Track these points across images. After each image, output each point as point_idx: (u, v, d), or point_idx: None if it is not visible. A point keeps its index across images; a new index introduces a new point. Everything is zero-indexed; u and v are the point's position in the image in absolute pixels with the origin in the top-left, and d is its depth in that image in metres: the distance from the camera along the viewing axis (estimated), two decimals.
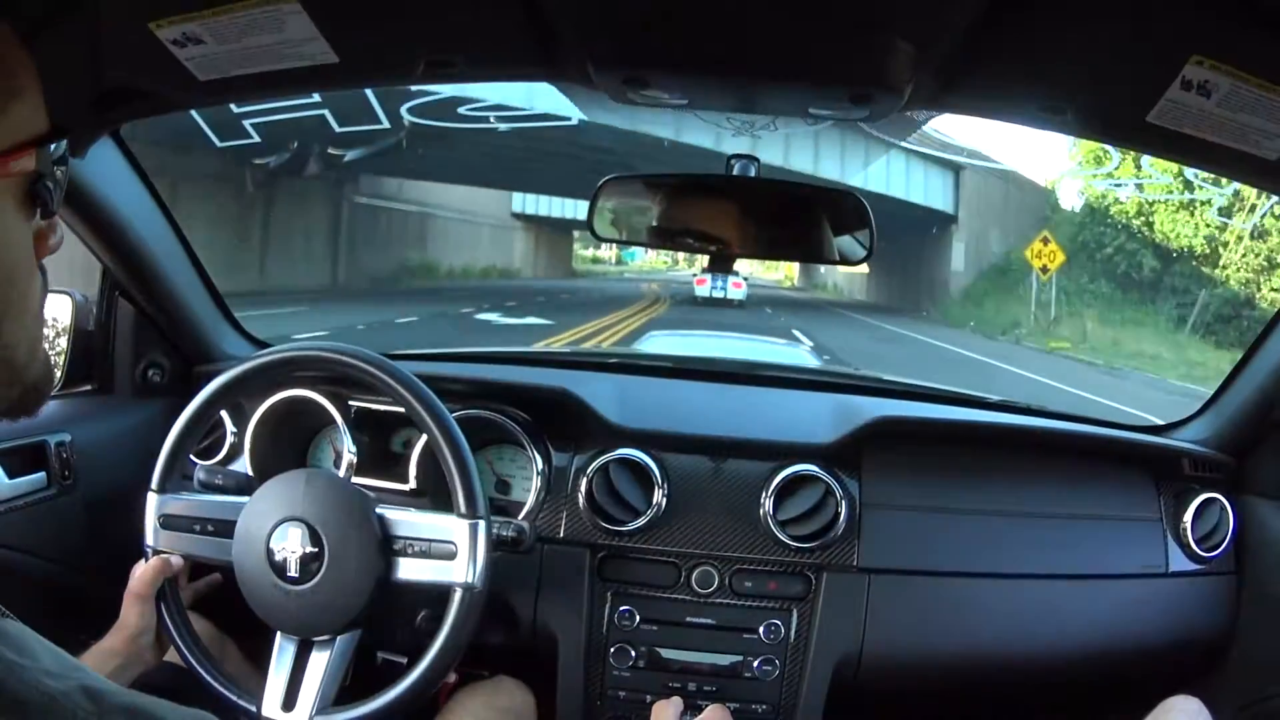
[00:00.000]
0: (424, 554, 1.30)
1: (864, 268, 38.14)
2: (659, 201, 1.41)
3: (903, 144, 23.64)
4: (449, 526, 1.30)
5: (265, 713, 1.31)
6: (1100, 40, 1.00)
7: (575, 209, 38.42)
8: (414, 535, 1.31)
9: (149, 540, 1.39)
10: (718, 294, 25.07)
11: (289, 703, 1.30)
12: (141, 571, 1.36)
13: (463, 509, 1.30)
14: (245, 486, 1.43)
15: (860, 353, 14.54)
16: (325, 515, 1.29)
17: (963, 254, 27.56)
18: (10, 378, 0.66)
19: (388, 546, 1.30)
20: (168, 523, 1.39)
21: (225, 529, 1.35)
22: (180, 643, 1.35)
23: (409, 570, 1.30)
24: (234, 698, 1.33)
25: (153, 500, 1.39)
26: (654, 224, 1.40)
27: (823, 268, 33.86)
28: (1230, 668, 1.68)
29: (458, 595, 1.29)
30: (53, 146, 0.67)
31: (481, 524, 1.30)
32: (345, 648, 1.32)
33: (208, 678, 1.33)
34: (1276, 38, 0.94)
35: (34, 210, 0.65)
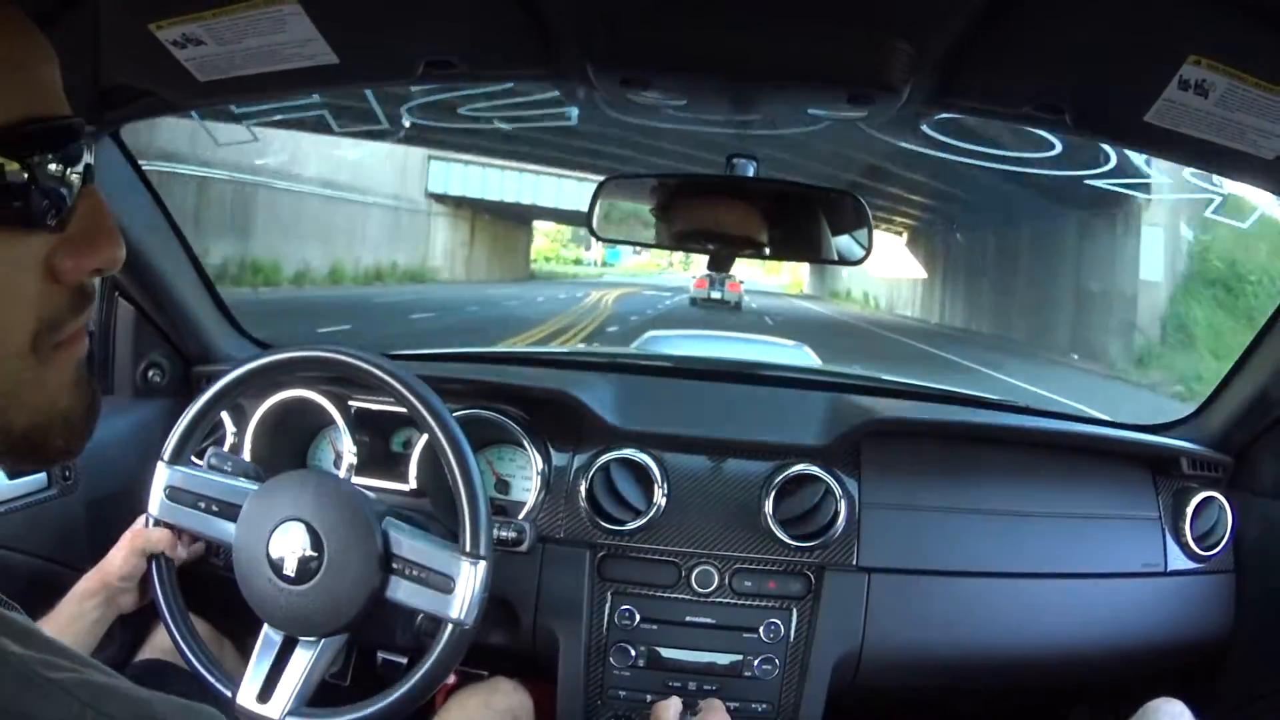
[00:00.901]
0: (421, 581, 1.29)
1: (918, 270, 30.76)
2: (658, 201, 1.41)
3: None
4: (451, 561, 1.29)
5: (240, 701, 1.30)
6: (1098, 41, 1.01)
7: (529, 191, 31.27)
8: (415, 560, 1.30)
9: (152, 509, 1.39)
10: (715, 295, 26.58)
11: (265, 695, 1.30)
12: (147, 529, 1.38)
13: (468, 547, 1.29)
14: (252, 477, 1.44)
15: None
16: (331, 521, 1.29)
17: (1160, 248, 15.86)
18: None
19: (387, 564, 1.29)
20: (174, 495, 1.39)
21: (230, 511, 1.35)
22: (166, 611, 1.35)
23: (403, 592, 1.30)
24: (212, 680, 1.33)
25: (161, 471, 1.39)
26: (653, 224, 1.40)
27: (845, 271, 29.10)
28: (1229, 666, 1.68)
29: (447, 630, 1.28)
30: (43, 150, 0.56)
31: (483, 564, 1.29)
32: (330, 650, 1.32)
33: (189, 654, 1.34)
34: (1273, 37, 0.94)
35: (22, 223, 0.55)
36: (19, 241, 0.55)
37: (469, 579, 1.28)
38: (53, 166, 0.56)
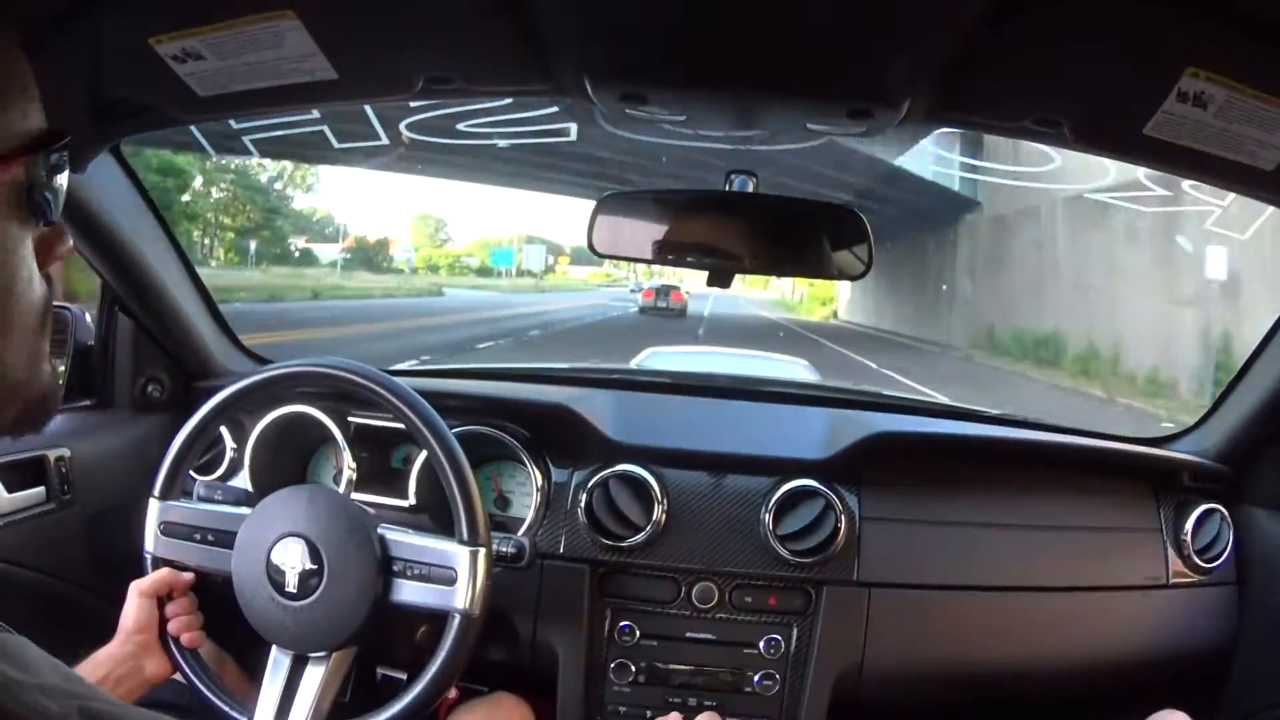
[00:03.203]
0: (423, 577, 1.29)
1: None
2: (657, 217, 1.41)
3: None
4: (450, 552, 1.29)
5: None
6: (1096, 54, 1.01)
7: None
8: (414, 558, 1.30)
9: (149, 547, 1.38)
10: (661, 304, 28.19)
11: (281, 717, 1.30)
12: (148, 576, 1.36)
13: (464, 535, 1.29)
14: (245, 501, 1.43)
15: None
16: (327, 532, 1.29)
17: None
18: (7, 395, 0.63)
19: (387, 567, 1.29)
20: (168, 530, 1.38)
21: (225, 539, 1.35)
22: (175, 650, 1.34)
23: (408, 592, 1.30)
24: (227, 709, 1.32)
25: (154, 507, 1.39)
26: (652, 239, 1.40)
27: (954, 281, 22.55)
28: (1231, 678, 1.68)
29: (455, 621, 1.28)
30: (53, 155, 0.66)
31: (482, 551, 1.29)
32: (340, 664, 1.31)
33: (201, 687, 1.33)
34: (1272, 48, 0.94)
35: (32, 219, 0.64)
36: (28, 231, 0.64)
37: (471, 567, 1.28)
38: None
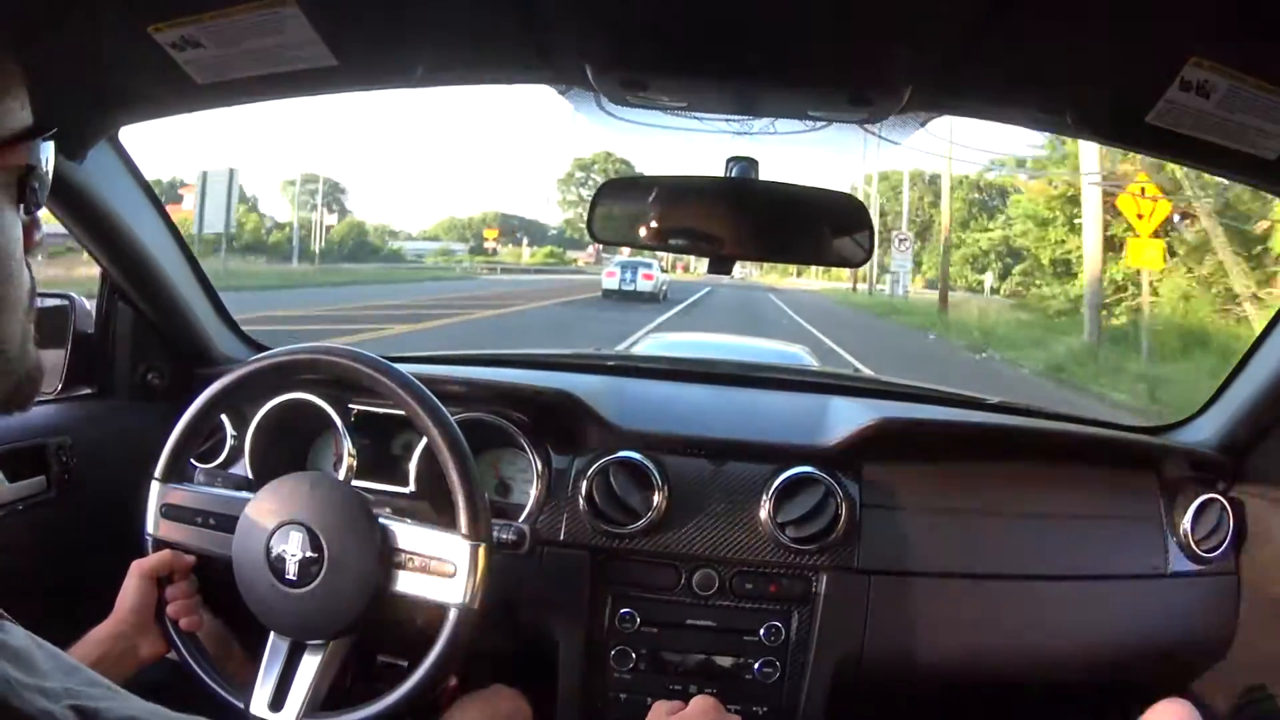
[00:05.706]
0: (423, 569, 1.29)
1: None
2: (657, 203, 1.41)
3: None
4: (451, 545, 1.29)
5: (253, 710, 1.29)
6: (1099, 42, 1.01)
7: None
8: (415, 550, 1.29)
9: (149, 529, 1.38)
10: (627, 287, 25.02)
11: (277, 703, 1.29)
12: (149, 556, 1.36)
13: (465, 529, 1.29)
14: (246, 489, 1.43)
15: None
16: (328, 520, 1.28)
17: None
18: (4, 368, 0.68)
19: (388, 557, 1.29)
20: (169, 512, 1.38)
21: (226, 524, 1.34)
22: (172, 631, 1.34)
23: (407, 583, 1.29)
24: (223, 693, 1.32)
25: (155, 489, 1.38)
26: (652, 226, 1.40)
27: None
28: (1230, 667, 1.68)
29: (453, 614, 1.27)
30: (44, 145, 0.70)
31: (483, 546, 1.28)
32: (338, 652, 1.31)
33: (198, 670, 1.33)
34: (1274, 38, 0.94)
35: (21, 206, 0.69)
36: (19, 218, 0.68)
37: (471, 561, 1.27)
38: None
